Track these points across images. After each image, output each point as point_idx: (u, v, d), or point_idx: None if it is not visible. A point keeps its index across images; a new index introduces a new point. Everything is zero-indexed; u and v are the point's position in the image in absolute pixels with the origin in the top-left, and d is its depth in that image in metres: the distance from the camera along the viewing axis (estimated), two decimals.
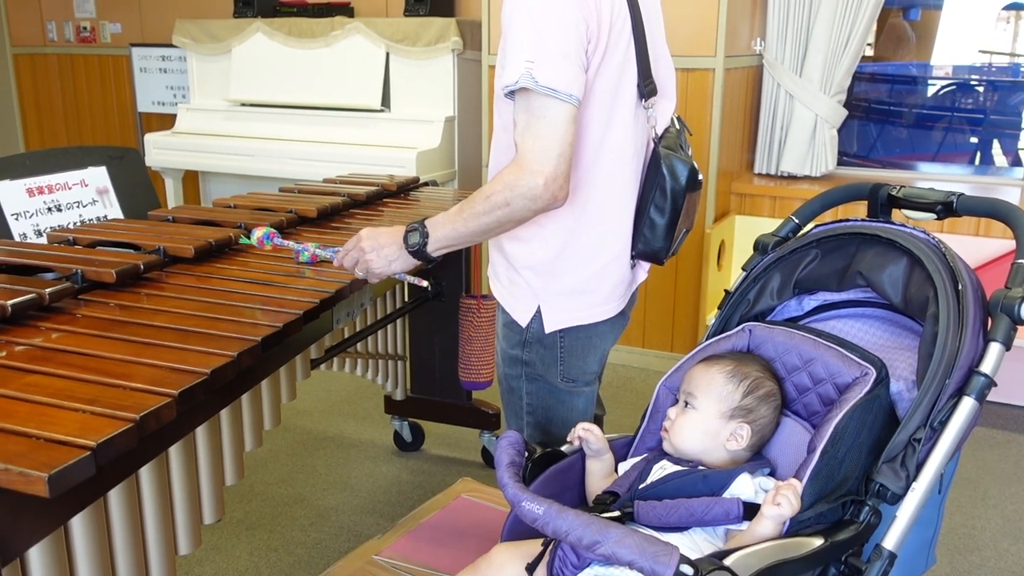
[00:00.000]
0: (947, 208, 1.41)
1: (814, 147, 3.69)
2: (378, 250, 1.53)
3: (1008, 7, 5.05)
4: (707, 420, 1.33)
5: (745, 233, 3.69)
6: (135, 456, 1.21)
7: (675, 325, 3.64)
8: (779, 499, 1.14)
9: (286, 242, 1.80)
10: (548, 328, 1.54)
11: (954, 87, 5.19)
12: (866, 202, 1.53)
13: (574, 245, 1.51)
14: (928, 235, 1.36)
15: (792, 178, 3.78)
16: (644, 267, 1.64)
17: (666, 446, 1.37)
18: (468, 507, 1.95)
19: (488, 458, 2.88)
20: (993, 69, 5.24)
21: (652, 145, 1.52)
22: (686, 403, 1.36)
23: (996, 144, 4.99)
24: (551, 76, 1.32)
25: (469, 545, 1.72)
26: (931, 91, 5.29)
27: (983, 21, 5.17)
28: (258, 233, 1.80)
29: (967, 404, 1.21)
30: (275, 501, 2.66)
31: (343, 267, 1.60)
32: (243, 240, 1.87)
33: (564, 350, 1.56)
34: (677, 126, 1.56)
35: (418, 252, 1.49)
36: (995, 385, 1.23)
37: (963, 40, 5.20)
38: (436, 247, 1.47)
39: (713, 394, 1.33)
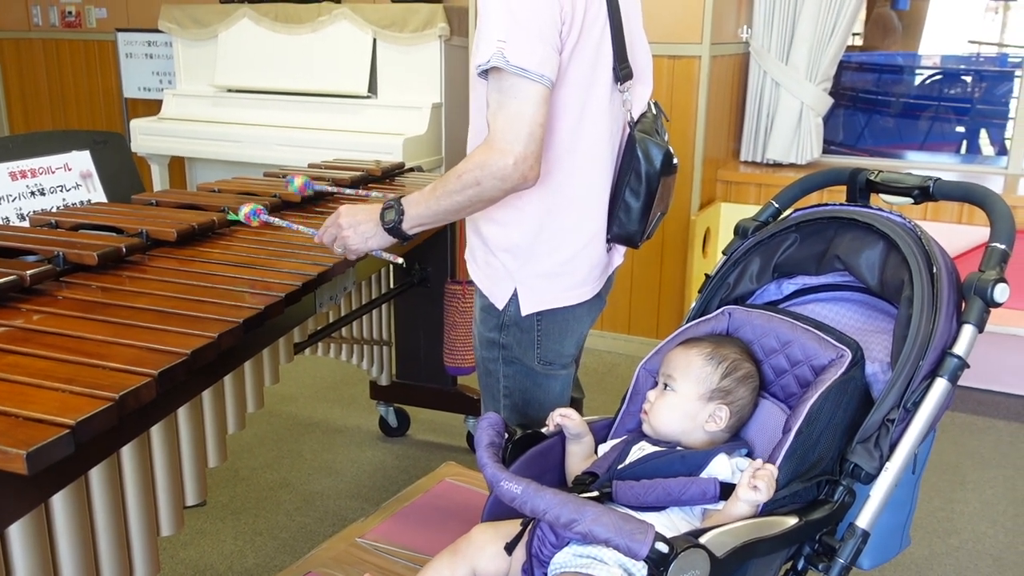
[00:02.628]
0: (924, 192, 1.43)
1: (800, 135, 3.70)
2: (355, 227, 1.54)
3: None
4: (686, 402, 1.34)
5: (730, 220, 3.71)
6: (116, 435, 1.21)
7: (660, 312, 3.66)
8: (756, 483, 1.16)
9: (273, 219, 1.81)
10: (525, 311, 1.55)
11: (942, 76, 5.22)
12: (846, 187, 1.54)
13: (550, 228, 1.52)
14: (904, 219, 1.38)
15: (778, 166, 3.80)
16: (620, 251, 1.65)
17: (646, 428, 1.38)
18: (452, 491, 1.96)
19: (473, 443, 2.89)
20: (981, 59, 5.26)
21: (628, 129, 1.53)
22: (665, 385, 1.37)
23: (984, 133, 5.01)
24: (522, 56, 1.32)
25: (452, 528, 1.73)
26: (919, 80, 5.31)
27: (971, 11, 5.19)
28: (245, 209, 1.81)
29: (940, 385, 1.23)
30: (261, 486, 2.67)
31: (323, 243, 1.61)
32: (230, 216, 1.88)
33: (541, 333, 1.57)
34: (654, 111, 1.57)
35: (394, 229, 1.50)
36: (968, 367, 1.24)
37: (952, 30, 5.22)
38: (411, 224, 1.49)
39: (692, 376, 1.35)
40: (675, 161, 1.53)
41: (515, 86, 1.34)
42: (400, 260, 1.66)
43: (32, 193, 2.31)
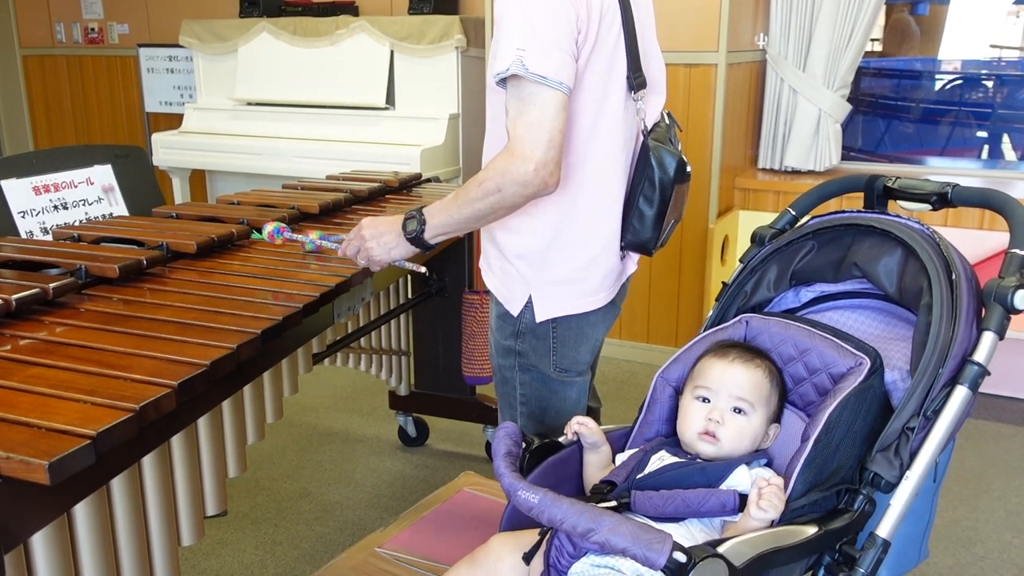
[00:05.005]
0: (942, 199, 1.42)
1: (818, 142, 3.68)
2: (378, 238, 1.57)
3: (1018, 1, 5.03)
4: (757, 426, 1.31)
5: (749, 228, 3.68)
6: (136, 446, 1.23)
7: (679, 320, 3.65)
8: (763, 504, 1.15)
9: (296, 236, 1.85)
10: (539, 317, 1.56)
11: (962, 81, 5.17)
12: (863, 194, 1.54)
13: (565, 235, 1.52)
14: (923, 225, 1.37)
15: (796, 173, 3.78)
16: (634, 259, 1.66)
17: (709, 450, 1.31)
18: (470, 500, 1.96)
19: (491, 452, 2.89)
20: (1002, 63, 5.21)
21: (641, 137, 1.54)
22: (738, 409, 1.31)
23: (1006, 138, 4.97)
24: (541, 63, 1.34)
25: (471, 537, 1.73)
26: (939, 85, 5.27)
27: (992, 16, 5.14)
28: (269, 228, 1.86)
29: (960, 393, 1.22)
30: (281, 496, 2.68)
31: (347, 256, 1.64)
32: (255, 235, 1.93)
33: (556, 340, 1.58)
34: (667, 121, 1.58)
35: (416, 239, 1.52)
36: (988, 374, 1.23)
37: (972, 35, 5.17)
38: (433, 234, 1.51)
39: (763, 400, 1.32)
40: (688, 169, 1.53)
41: (534, 93, 1.35)
42: (423, 269, 1.69)
43: (55, 207, 2.34)
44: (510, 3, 1.37)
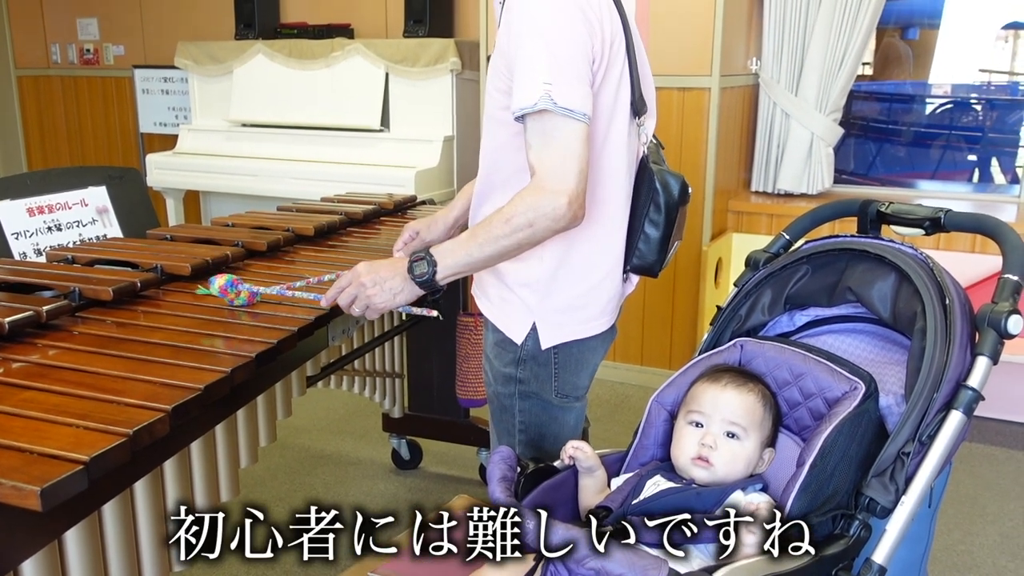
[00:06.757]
0: (935, 224, 1.43)
1: (810, 165, 3.71)
2: (380, 283, 1.46)
3: (1007, 26, 5.09)
4: (752, 451, 1.31)
5: (742, 251, 3.67)
6: (129, 471, 1.22)
7: (673, 343, 3.65)
8: (753, 528, 1.16)
9: (259, 288, 1.67)
10: (544, 344, 1.53)
11: (952, 105, 5.23)
12: (856, 218, 1.55)
13: (570, 261, 1.50)
14: (916, 250, 1.38)
15: (789, 196, 3.80)
16: (633, 280, 1.65)
17: (702, 475, 1.31)
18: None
19: (486, 475, 2.88)
20: (992, 87, 5.27)
21: (640, 161, 1.54)
22: (732, 434, 1.31)
23: (995, 162, 5.01)
24: (567, 97, 1.32)
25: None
26: (930, 109, 5.32)
27: (982, 40, 5.20)
28: (219, 282, 1.65)
29: (955, 418, 1.22)
30: (273, 519, 2.66)
31: (338, 305, 1.52)
32: (201, 291, 1.69)
33: (558, 366, 1.56)
34: (654, 141, 1.58)
35: (426, 282, 1.44)
36: (983, 399, 1.23)
37: (962, 59, 5.23)
38: (446, 274, 1.43)
39: (757, 424, 1.32)
40: (690, 190, 1.54)
41: (560, 126, 1.33)
42: (435, 313, 1.58)
43: (49, 228, 2.34)
44: (529, 34, 1.34)
